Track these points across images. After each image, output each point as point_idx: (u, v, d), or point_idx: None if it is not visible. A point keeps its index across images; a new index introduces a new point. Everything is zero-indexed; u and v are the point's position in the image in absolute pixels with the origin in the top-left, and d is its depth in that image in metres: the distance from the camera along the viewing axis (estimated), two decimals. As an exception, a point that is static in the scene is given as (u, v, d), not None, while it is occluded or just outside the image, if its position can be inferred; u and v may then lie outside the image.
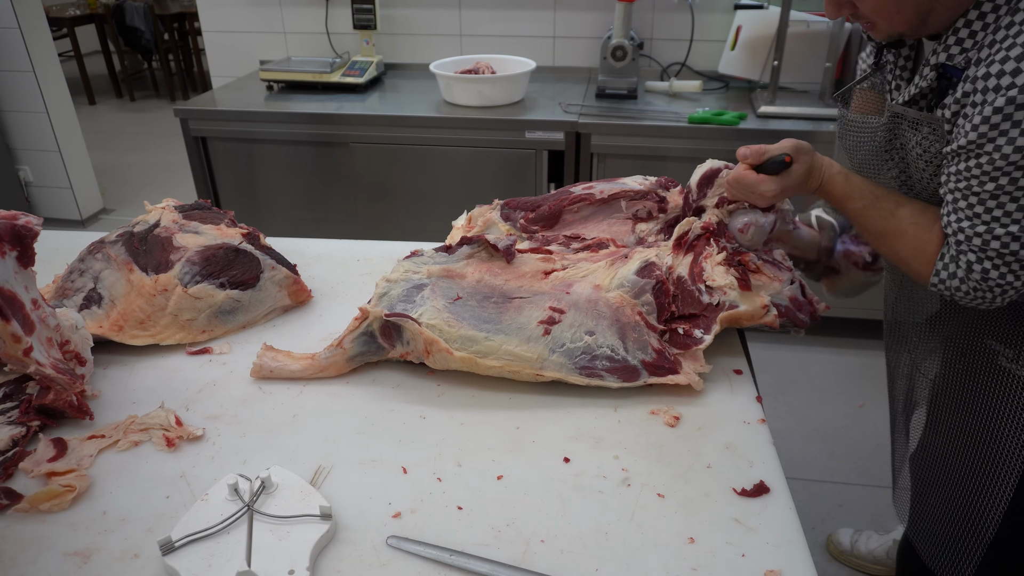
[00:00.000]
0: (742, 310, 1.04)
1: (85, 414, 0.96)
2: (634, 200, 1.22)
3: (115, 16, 5.94)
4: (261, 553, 0.74)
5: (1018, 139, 0.82)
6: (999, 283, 0.91)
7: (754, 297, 1.04)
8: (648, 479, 0.87)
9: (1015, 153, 0.83)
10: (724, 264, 1.06)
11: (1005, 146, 0.83)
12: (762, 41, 2.52)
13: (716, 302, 1.05)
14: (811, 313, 1.09)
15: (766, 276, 1.07)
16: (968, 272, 0.92)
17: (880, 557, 1.77)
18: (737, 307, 1.04)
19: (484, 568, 0.74)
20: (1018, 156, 0.83)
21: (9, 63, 3.40)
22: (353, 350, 1.04)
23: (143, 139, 5.38)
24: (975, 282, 0.92)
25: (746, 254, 1.08)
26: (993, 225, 0.88)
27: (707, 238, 1.10)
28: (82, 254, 1.19)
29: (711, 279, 1.06)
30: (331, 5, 2.91)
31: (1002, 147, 0.83)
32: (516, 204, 1.27)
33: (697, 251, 1.10)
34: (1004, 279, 0.90)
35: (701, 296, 1.06)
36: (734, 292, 1.04)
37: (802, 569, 0.75)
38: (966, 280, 0.93)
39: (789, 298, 1.07)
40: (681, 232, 1.12)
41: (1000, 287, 0.91)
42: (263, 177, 2.62)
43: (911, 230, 0.99)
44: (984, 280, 0.91)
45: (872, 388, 2.47)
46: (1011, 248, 0.88)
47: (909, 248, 1.00)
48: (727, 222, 1.12)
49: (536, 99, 2.58)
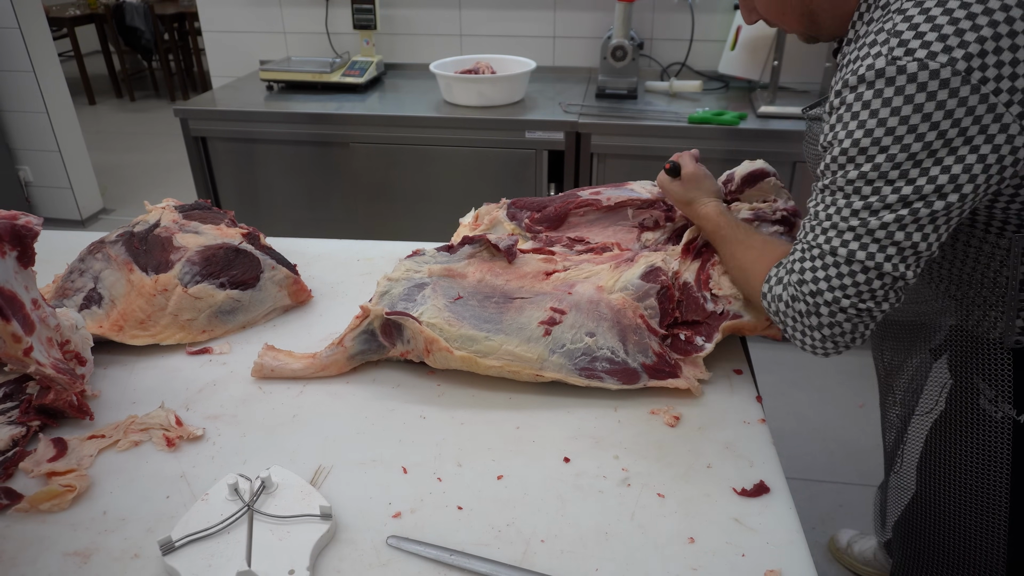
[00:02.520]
0: (745, 320, 1.04)
1: (85, 414, 0.96)
2: (641, 209, 1.22)
3: (115, 16, 5.94)
4: (261, 553, 0.74)
5: (849, 124, 0.77)
6: (816, 292, 0.84)
7: (759, 308, 1.04)
8: (648, 479, 0.87)
9: (847, 139, 0.77)
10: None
11: (840, 133, 0.78)
12: (762, 41, 2.52)
13: (720, 311, 1.04)
14: None
15: None
16: (791, 272, 0.87)
17: (869, 559, 1.77)
18: (741, 317, 1.04)
19: (484, 568, 0.74)
20: (849, 144, 0.77)
21: (9, 63, 3.40)
22: (354, 348, 1.04)
23: (143, 139, 5.38)
24: (794, 288, 0.86)
25: None
26: (825, 223, 0.83)
27: None
28: (82, 254, 1.19)
29: (718, 287, 1.06)
30: (331, 5, 2.91)
31: (839, 135, 0.78)
32: (522, 204, 1.27)
33: (705, 258, 1.10)
34: (823, 288, 0.83)
35: (706, 304, 1.05)
36: (739, 302, 1.04)
37: (802, 569, 0.75)
38: (790, 286, 0.87)
39: None
40: (690, 238, 1.12)
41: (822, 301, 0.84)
42: (263, 177, 2.62)
43: (759, 243, 1.00)
44: (800, 284, 0.85)
45: (872, 388, 2.46)
46: (836, 253, 0.82)
47: (755, 255, 0.98)
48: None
49: (536, 99, 2.58)
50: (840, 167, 0.80)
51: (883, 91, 0.73)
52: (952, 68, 0.70)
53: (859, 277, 0.81)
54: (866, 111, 0.75)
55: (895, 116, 0.73)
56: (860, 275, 0.81)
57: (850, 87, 0.76)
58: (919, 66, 0.71)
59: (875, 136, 0.75)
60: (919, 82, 0.71)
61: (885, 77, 0.73)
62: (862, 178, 0.78)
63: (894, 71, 0.72)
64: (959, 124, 0.71)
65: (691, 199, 1.11)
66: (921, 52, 0.71)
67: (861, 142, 0.76)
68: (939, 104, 0.71)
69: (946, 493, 1.05)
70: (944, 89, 0.71)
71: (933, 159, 0.74)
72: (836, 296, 0.83)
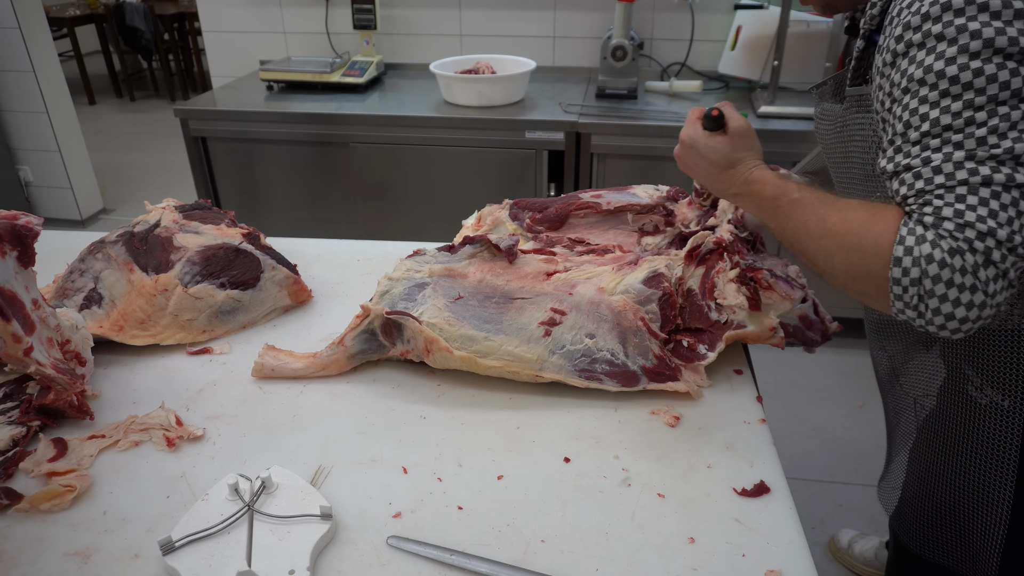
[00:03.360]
0: (749, 330, 1.03)
1: (85, 414, 0.96)
2: (640, 214, 1.22)
3: (115, 16, 5.94)
4: (261, 553, 0.74)
5: (926, 59, 0.72)
6: (989, 231, 0.69)
7: (762, 318, 1.03)
8: (648, 479, 0.87)
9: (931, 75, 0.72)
10: (736, 281, 1.05)
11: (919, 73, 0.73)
12: (762, 41, 2.52)
13: (724, 320, 1.04)
14: (822, 332, 1.07)
15: (778, 294, 1.05)
16: (942, 220, 0.71)
17: (869, 559, 1.77)
18: (745, 327, 1.03)
19: (484, 568, 0.74)
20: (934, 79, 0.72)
21: (9, 63, 3.40)
22: (354, 348, 1.04)
23: (143, 139, 5.38)
24: (951, 240, 0.70)
25: (759, 271, 1.05)
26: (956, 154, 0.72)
27: (720, 253, 1.09)
28: (82, 254, 1.19)
29: (722, 296, 1.05)
30: (331, 5, 2.91)
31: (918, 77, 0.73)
32: (525, 204, 1.27)
33: (709, 265, 1.09)
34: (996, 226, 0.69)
35: (710, 312, 1.05)
36: (743, 312, 1.04)
37: (802, 569, 0.75)
38: (945, 238, 0.70)
39: (799, 317, 1.05)
40: (694, 245, 1.12)
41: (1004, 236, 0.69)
42: (263, 177, 2.62)
43: (860, 213, 0.78)
44: (963, 227, 0.70)
45: (872, 388, 2.46)
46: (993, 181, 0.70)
47: (862, 214, 0.78)
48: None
49: (536, 99, 2.58)
50: (933, 105, 0.72)
51: (953, 21, 0.71)
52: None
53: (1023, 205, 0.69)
54: (943, 43, 0.71)
55: (977, 40, 0.70)
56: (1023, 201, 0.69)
57: (913, 28, 0.73)
58: None
59: (960, 63, 0.71)
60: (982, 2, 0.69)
61: (953, 9, 0.71)
62: (969, 106, 0.70)
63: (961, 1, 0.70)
64: None
65: (737, 160, 0.91)
66: None
67: (947, 72, 0.71)
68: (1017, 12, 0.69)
69: (937, 482, 1.04)
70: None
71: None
72: (1010, 233, 0.69)
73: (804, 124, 2.31)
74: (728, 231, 1.11)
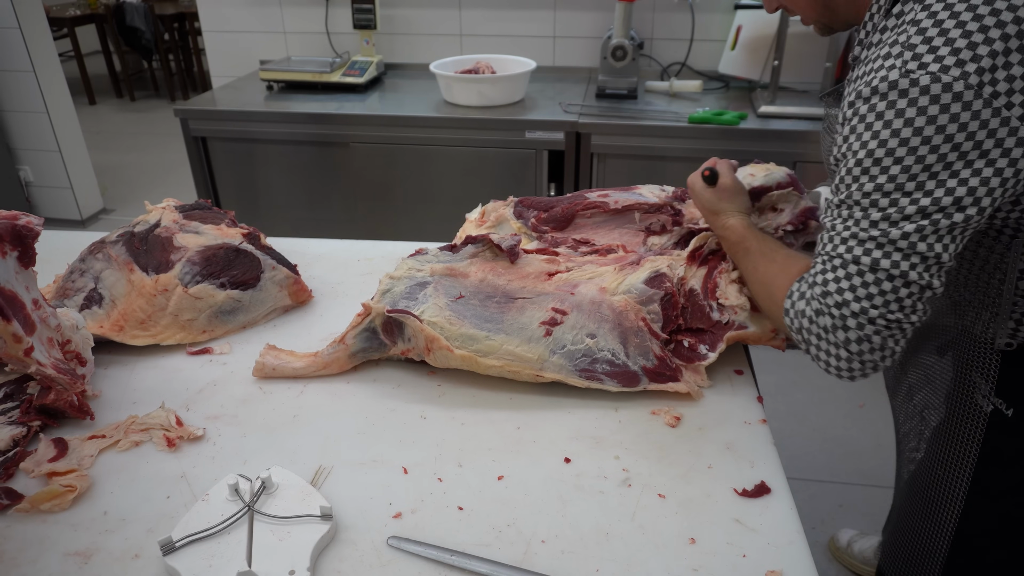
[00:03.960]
0: (750, 331, 1.03)
1: (86, 414, 0.96)
2: (648, 213, 1.22)
3: (115, 16, 5.94)
4: (262, 553, 0.74)
5: (863, 135, 0.76)
6: (842, 303, 0.81)
7: (763, 320, 1.04)
8: (649, 479, 0.87)
9: (861, 151, 0.77)
10: (738, 282, 1.06)
11: (855, 144, 0.77)
12: (762, 41, 2.52)
13: (725, 320, 1.04)
14: None
15: None
16: (814, 286, 0.84)
17: (868, 558, 1.77)
18: (746, 328, 1.04)
19: (485, 568, 0.74)
20: (863, 155, 0.76)
21: (9, 63, 3.40)
22: (355, 346, 1.04)
23: (143, 139, 5.38)
24: (818, 301, 0.83)
25: None
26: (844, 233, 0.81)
27: (723, 254, 1.10)
28: (83, 254, 1.19)
29: (724, 297, 1.05)
30: (331, 5, 2.91)
31: (853, 146, 0.78)
32: (530, 203, 1.27)
33: (711, 265, 1.09)
34: (849, 299, 0.81)
35: (711, 313, 1.05)
36: (744, 312, 1.04)
37: (803, 569, 0.75)
38: (813, 299, 0.84)
39: None
40: (697, 245, 1.12)
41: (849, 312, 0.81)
42: (263, 177, 2.62)
43: (777, 267, 0.95)
44: (824, 296, 0.82)
45: (872, 388, 2.47)
46: (860, 261, 0.80)
47: (771, 275, 0.94)
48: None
49: (536, 99, 2.58)
50: (855, 179, 0.79)
51: (896, 103, 0.73)
52: (965, 82, 0.70)
53: (885, 285, 0.79)
54: (879, 122, 0.75)
55: (908, 127, 0.73)
56: (886, 283, 0.79)
57: (863, 98, 0.76)
58: (931, 79, 0.71)
59: (889, 147, 0.74)
60: (932, 95, 0.71)
61: (898, 89, 0.73)
62: (878, 190, 0.77)
63: (907, 83, 0.72)
64: (973, 137, 0.71)
65: (720, 210, 1.07)
66: (934, 66, 0.71)
67: (875, 153, 0.75)
68: (952, 117, 0.71)
69: (938, 486, 1.05)
70: (957, 102, 0.71)
71: (949, 171, 0.73)
72: (863, 307, 0.80)
73: (804, 124, 2.31)
74: None
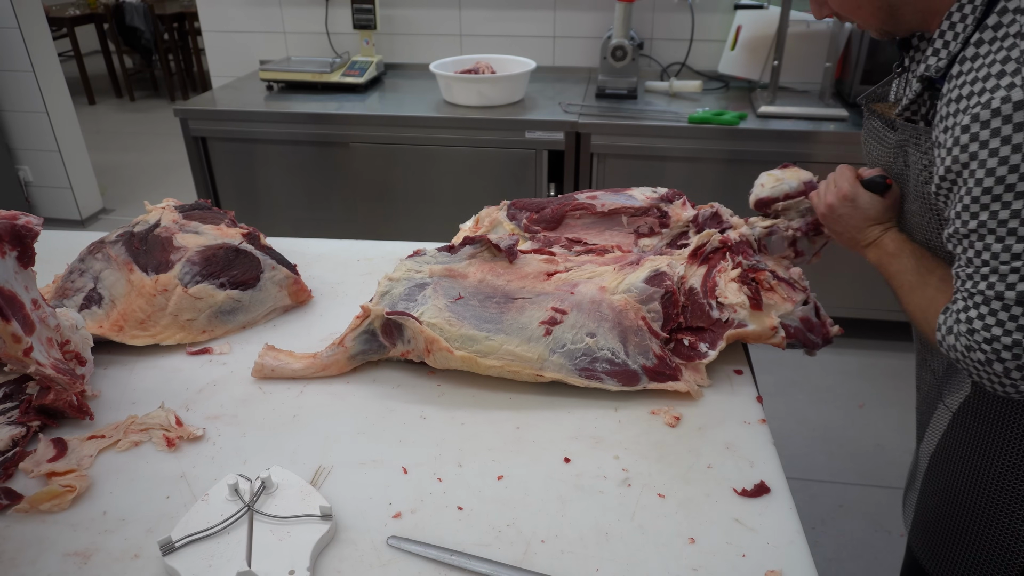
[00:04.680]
0: (750, 329, 1.03)
1: (85, 414, 0.96)
2: (635, 216, 1.22)
3: (115, 16, 5.94)
4: (261, 553, 0.74)
5: (988, 162, 0.73)
6: (992, 339, 0.78)
7: (763, 318, 1.04)
8: (649, 479, 0.87)
9: (988, 178, 0.73)
10: (738, 281, 1.06)
11: (978, 172, 0.74)
12: (762, 41, 2.52)
13: (725, 318, 1.04)
14: (823, 335, 1.07)
15: (780, 296, 1.05)
16: (959, 323, 0.82)
17: None
18: (746, 326, 1.04)
19: (484, 568, 0.74)
20: (992, 183, 0.73)
21: (9, 63, 3.40)
22: (354, 348, 1.04)
23: (143, 139, 5.38)
24: (966, 338, 0.81)
25: (761, 272, 1.06)
26: (983, 269, 0.78)
27: (723, 252, 1.10)
28: (82, 254, 1.19)
29: (723, 295, 1.05)
30: (331, 5, 2.91)
31: (976, 174, 0.74)
32: (522, 204, 1.27)
33: (712, 264, 1.09)
34: (999, 335, 0.78)
35: (711, 311, 1.05)
36: (744, 311, 1.04)
37: (802, 569, 0.75)
38: (961, 336, 0.81)
39: (800, 319, 1.05)
40: (699, 244, 1.12)
41: (1002, 347, 0.78)
42: (263, 177, 2.62)
43: (934, 287, 0.90)
44: (971, 333, 0.80)
45: (872, 388, 2.47)
46: (1004, 296, 0.76)
47: (927, 301, 0.90)
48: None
49: (536, 99, 2.58)
50: (984, 207, 0.75)
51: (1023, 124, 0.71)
52: None
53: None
54: (1007, 147, 0.72)
55: None
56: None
57: (981, 122, 0.73)
58: None
59: (1022, 171, 0.72)
60: None
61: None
62: (1015, 216, 0.74)
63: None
64: None
65: (887, 219, 1.00)
66: None
67: (1007, 179, 0.73)
68: None
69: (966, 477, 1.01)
70: None
71: None
72: (1016, 339, 0.77)
73: (804, 124, 2.31)
74: (738, 233, 1.12)
